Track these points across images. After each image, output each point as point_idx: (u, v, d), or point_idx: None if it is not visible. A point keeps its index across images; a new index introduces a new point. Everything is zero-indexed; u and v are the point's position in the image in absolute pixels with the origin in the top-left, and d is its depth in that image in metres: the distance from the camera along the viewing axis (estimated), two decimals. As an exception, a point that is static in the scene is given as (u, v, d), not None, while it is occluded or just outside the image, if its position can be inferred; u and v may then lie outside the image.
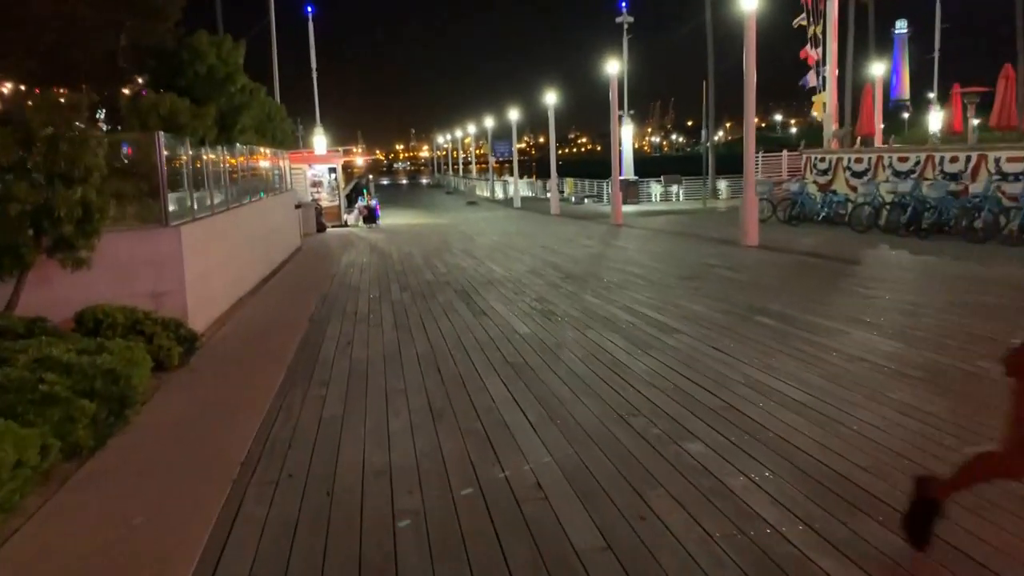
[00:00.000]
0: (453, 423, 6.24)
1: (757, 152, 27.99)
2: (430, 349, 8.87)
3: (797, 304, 10.60)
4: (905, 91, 43.89)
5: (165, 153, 10.16)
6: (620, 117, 33.88)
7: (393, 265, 17.37)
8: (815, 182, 24.86)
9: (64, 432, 5.42)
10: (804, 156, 26.45)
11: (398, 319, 10.83)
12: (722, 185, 40.01)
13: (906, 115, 42.30)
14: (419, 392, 7.16)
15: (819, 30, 25.86)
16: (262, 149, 17.42)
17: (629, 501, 4.62)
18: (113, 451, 5.84)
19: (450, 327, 10.05)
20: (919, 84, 48.80)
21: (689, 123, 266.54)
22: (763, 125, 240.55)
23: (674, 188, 41.42)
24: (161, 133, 9.62)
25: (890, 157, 22.09)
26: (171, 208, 10.55)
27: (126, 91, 11.23)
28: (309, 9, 42.93)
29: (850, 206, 22.39)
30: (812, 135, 32.48)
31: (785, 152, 30.41)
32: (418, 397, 7.01)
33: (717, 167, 40.87)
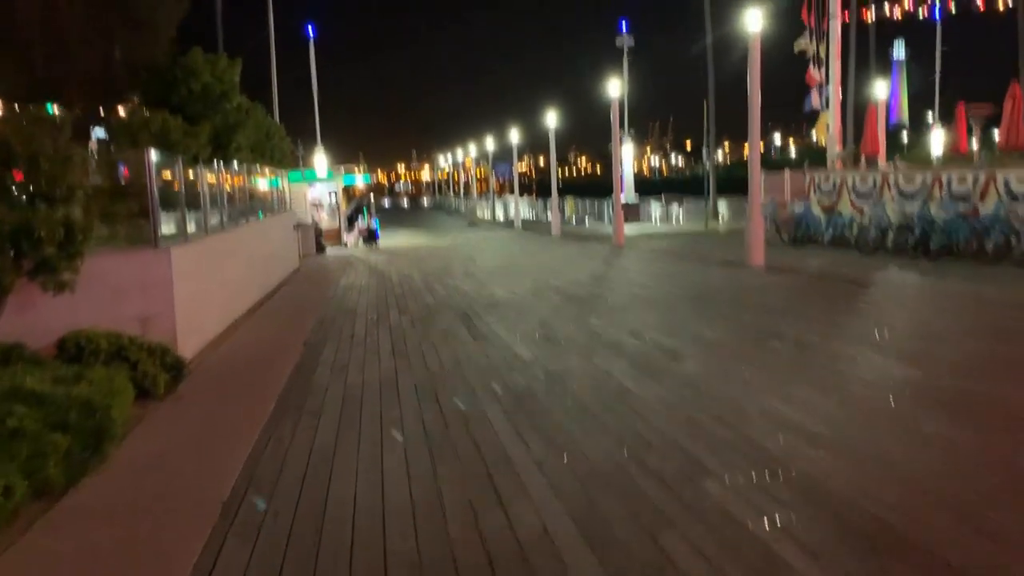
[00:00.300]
0: (452, 459, 5.84)
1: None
2: (428, 376, 8.49)
3: (810, 328, 10.22)
4: (903, 115, 43.80)
5: (156, 172, 9.85)
6: (620, 138, 33.69)
7: (392, 288, 17.01)
8: (819, 203, 24.58)
9: (33, 469, 5.04)
10: (808, 176, 26.15)
11: (396, 344, 10.46)
12: (722, 206, 39.78)
13: (905, 136, 42.14)
14: (416, 424, 6.77)
15: (822, 50, 25.67)
16: (260, 168, 17.14)
17: (645, 550, 4.22)
18: (88, 489, 5.45)
19: (450, 353, 9.67)
20: (918, 106, 48.74)
21: (688, 143, 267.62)
22: (760, 148, 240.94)
23: (674, 208, 41.20)
24: (151, 150, 9.29)
25: (896, 177, 21.78)
26: (163, 229, 10.24)
27: (120, 109, 10.86)
28: (310, 29, 43.01)
29: (856, 227, 22.12)
30: (812, 157, 32.20)
31: (788, 172, 30.05)
32: (415, 429, 6.62)
33: (717, 188, 40.63)
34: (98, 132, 13.23)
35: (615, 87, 26.96)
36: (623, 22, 46.66)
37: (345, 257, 26.12)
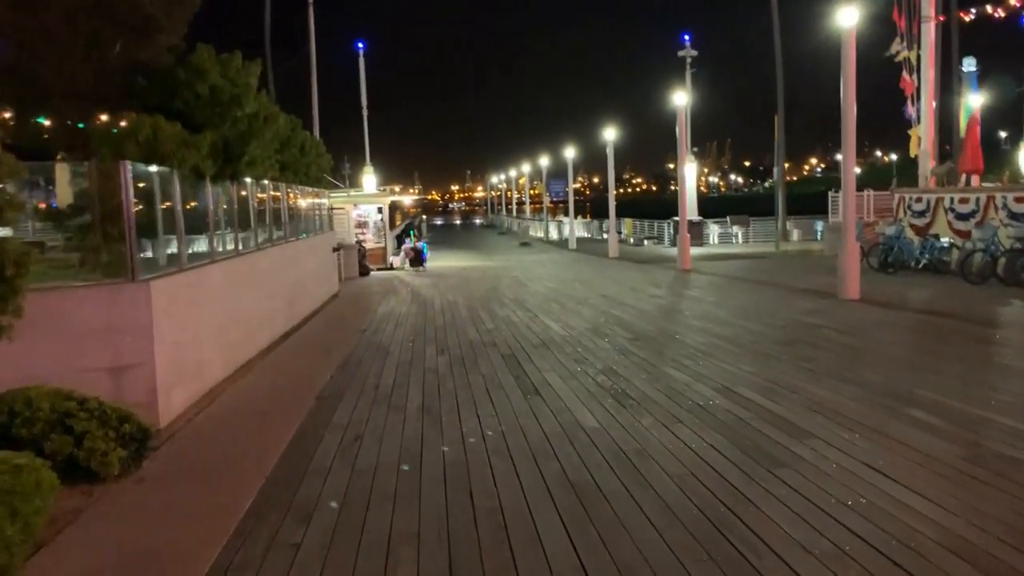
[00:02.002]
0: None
1: (820, 193, 25.34)
2: (462, 454, 6.48)
3: (952, 388, 7.96)
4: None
5: (159, 189, 8.14)
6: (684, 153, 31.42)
7: (434, 318, 15.10)
8: (911, 225, 22.03)
9: None
10: (896, 196, 23.59)
11: (427, 399, 8.49)
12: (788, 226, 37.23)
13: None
14: (439, 541, 4.77)
15: (913, 56, 23.15)
16: (287, 185, 15.44)
17: None
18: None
19: (492, 414, 7.66)
20: (997, 121, 45.33)
21: (746, 163, 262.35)
22: (822, 166, 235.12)
23: (734, 229, 38.76)
24: (127, 164, 7.54)
25: (1004, 198, 19.14)
26: (153, 255, 8.52)
27: (103, 117, 9.18)
28: (360, 45, 41.88)
29: (956, 253, 19.59)
30: (877, 175, 29.36)
31: (870, 191, 27.48)
32: (437, 551, 4.62)
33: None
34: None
35: (681, 97, 24.84)
36: (686, 35, 44.44)
37: (389, 280, 24.38)
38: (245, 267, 11.45)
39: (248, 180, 11.73)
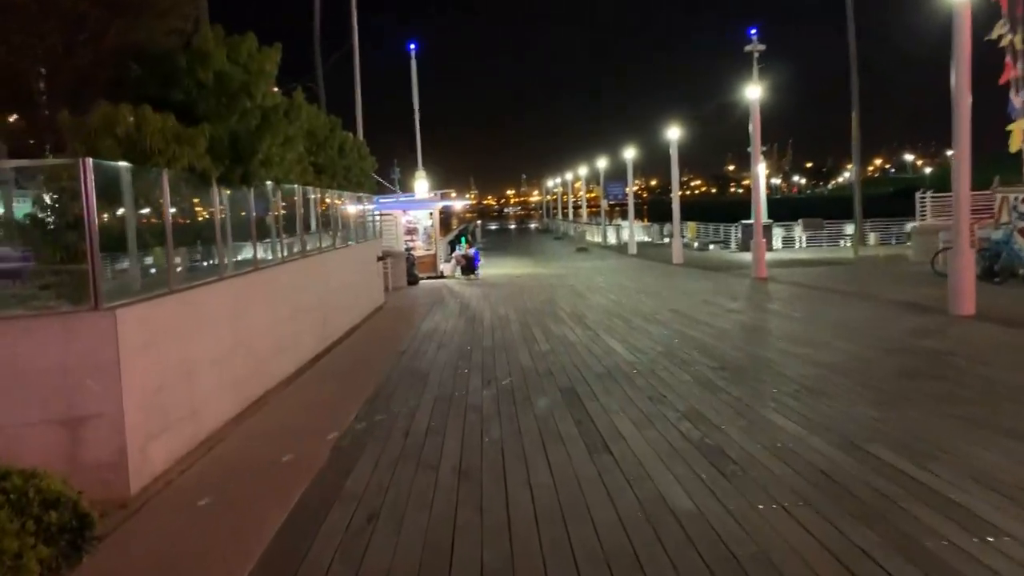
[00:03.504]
0: None
1: (888, 195, 23.04)
2: (507, 553, 4.71)
3: None
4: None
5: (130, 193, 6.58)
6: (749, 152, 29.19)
7: (482, 337, 13.39)
8: (1020, 228, 19.53)
9: None
10: (999, 197, 21.05)
11: (466, 453, 6.75)
12: (851, 228, 34.68)
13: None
14: None
15: (1018, 41, 20.63)
16: (318, 190, 13.90)
17: None
18: None
19: (547, 483, 5.88)
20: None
21: (808, 165, 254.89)
22: (887, 166, 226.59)
23: (798, 233, 36.28)
24: (88, 161, 6.01)
25: None
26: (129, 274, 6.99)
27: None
28: (412, 46, 40.56)
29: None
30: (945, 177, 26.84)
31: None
32: None
33: (848, 211, 35.37)
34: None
35: (753, 91, 22.73)
36: (752, 29, 42.00)
37: (437, 290, 22.77)
38: (262, 284, 9.89)
39: (269, 184, 10.19)
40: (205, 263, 9.13)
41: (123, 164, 6.76)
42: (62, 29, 8.26)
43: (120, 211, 7.09)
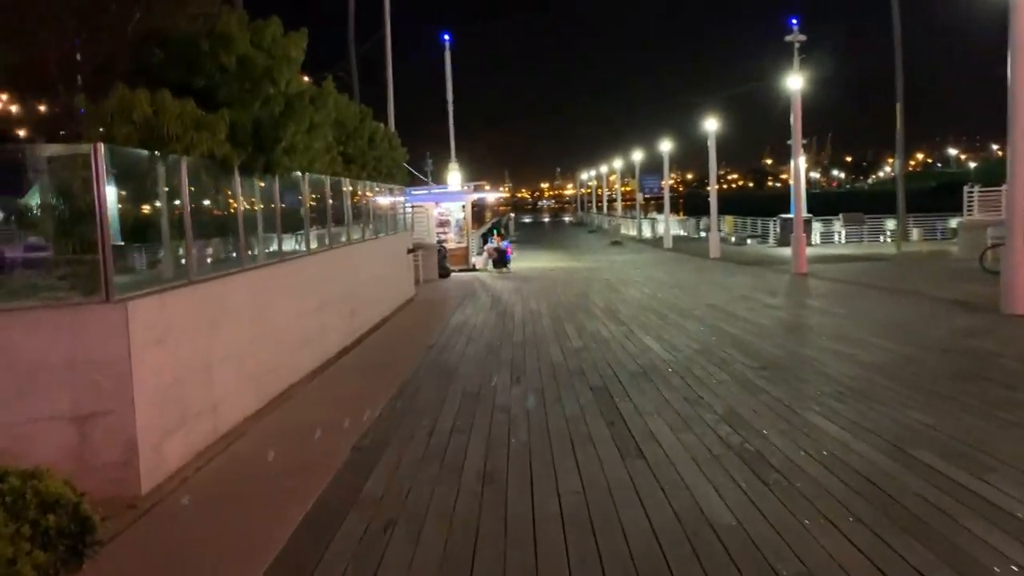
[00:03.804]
0: None
1: (930, 189, 22.27)
2: (531, 565, 4.39)
3: None
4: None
5: (130, 180, 6.37)
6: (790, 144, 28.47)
7: (512, 332, 13.08)
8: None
9: None
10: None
11: (492, 455, 6.44)
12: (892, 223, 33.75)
13: None
14: None
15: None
16: (347, 180, 13.66)
17: None
18: None
19: (577, 490, 5.54)
20: None
21: (847, 158, 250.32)
22: (929, 160, 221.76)
23: (837, 227, 35.39)
24: (101, 146, 5.79)
25: None
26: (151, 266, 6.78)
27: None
28: (446, 37, 40.30)
29: None
30: (995, 172, 25.80)
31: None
32: None
33: (889, 206, 34.45)
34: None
35: (795, 81, 22.10)
36: (793, 19, 41.05)
37: (469, 283, 22.52)
38: (287, 276, 9.66)
39: (296, 173, 9.96)
40: (234, 254, 8.93)
41: (138, 151, 6.53)
42: (84, 16, 8.06)
43: (136, 199, 6.90)
